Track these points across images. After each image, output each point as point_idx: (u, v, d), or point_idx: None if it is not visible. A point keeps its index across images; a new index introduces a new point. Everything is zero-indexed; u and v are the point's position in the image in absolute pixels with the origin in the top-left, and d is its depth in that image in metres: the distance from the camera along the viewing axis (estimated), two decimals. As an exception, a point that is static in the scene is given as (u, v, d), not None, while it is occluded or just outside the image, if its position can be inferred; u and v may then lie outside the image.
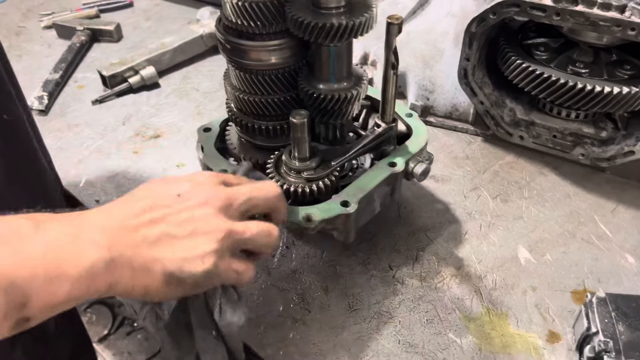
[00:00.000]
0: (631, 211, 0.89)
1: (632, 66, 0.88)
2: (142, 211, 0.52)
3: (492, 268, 0.81)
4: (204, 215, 0.54)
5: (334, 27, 0.62)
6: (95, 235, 0.48)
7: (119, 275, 0.48)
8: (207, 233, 0.53)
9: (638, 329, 0.64)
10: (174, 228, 0.52)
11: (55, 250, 0.45)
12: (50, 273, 0.44)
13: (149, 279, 0.50)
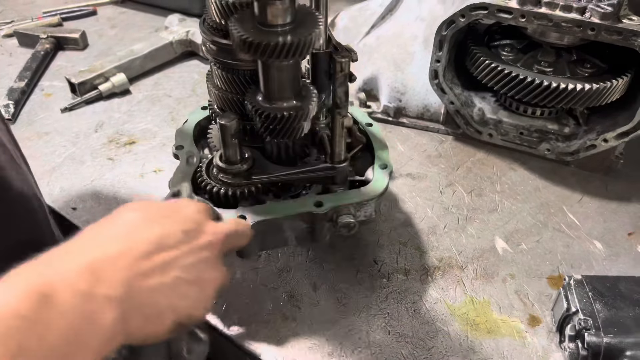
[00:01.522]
0: (596, 201, 0.94)
1: (592, 65, 0.93)
2: (152, 251, 0.49)
3: (472, 258, 0.84)
4: (208, 259, 0.53)
5: (279, 45, 0.59)
6: (109, 290, 0.44)
7: (133, 326, 0.46)
8: (211, 280, 0.53)
9: (614, 307, 0.68)
10: (184, 274, 0.50)
11: (73, 333, 0.41)
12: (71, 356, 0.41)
13: (159, 326, 0.48)
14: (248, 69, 0.71)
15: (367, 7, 1.24)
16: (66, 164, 0.99)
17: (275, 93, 0.67)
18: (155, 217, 0.53)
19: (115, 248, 0.47)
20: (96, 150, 1.02)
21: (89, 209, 0.91)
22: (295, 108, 0.67)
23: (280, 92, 0.67)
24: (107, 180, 0.96)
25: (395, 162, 1.01)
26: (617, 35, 0.84)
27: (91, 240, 0.49)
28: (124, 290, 0.45)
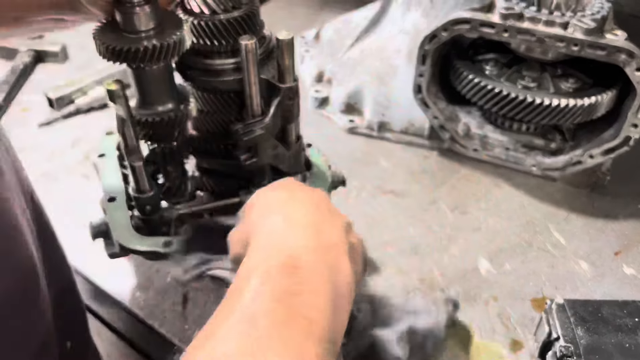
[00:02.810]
0: (582, 219, 0.92)
1: (576, 80, 0.92)
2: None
3: (454, 279, 0.81)
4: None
5: (146, 50, 0.58)
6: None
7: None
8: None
9: (596, 333, 0.66)
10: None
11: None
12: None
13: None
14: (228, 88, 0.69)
15: (352, 20, 1.22)
16: (41, 181, 0.96)
17: (149, 98, 0.66)
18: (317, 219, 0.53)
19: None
20: (71, 167, 1.00)
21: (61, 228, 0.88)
22: (170, 111, 0.66)
23: (153, 97, 0.66)
24: (81, 198, 0.93)
25: (378, 178, 0.99)
26: (601, 51, 0.82)
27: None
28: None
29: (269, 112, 0.67)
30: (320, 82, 1.18)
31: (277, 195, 0.57)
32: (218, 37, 0.64)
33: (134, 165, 0.66)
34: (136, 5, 0.58)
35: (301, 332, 0.41)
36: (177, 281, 0.70)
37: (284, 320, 0.41)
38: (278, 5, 1.60)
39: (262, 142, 0.68)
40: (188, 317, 0.75)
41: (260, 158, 0.69)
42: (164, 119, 0.65)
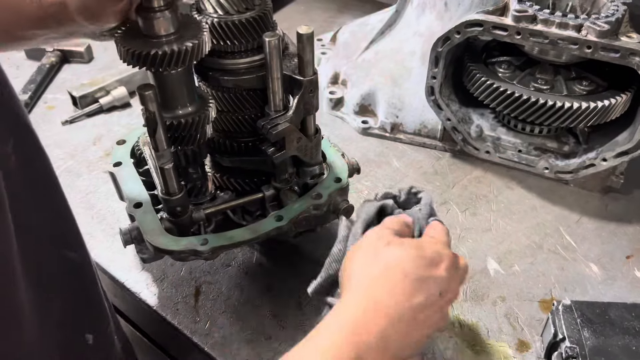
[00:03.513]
0: (594, 222, 0.92)
1: (590, 82, 0.92)
2: (420, 309, 0.54)
3: (463, 280, 0.82)
4: (444, 310, 0.58)
5: (166, 55, 0.60)
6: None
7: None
8: (434, 324, 0.58)
9: (602, 334, 0.66)
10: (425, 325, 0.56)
11: None
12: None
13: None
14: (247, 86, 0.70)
15: (368, 22, 1.24)
16: (63, 177, 1.00)
17: (171, 101, 0.67)
18: (421, 275, 0.56)
19: (393, 314, 0.53)
20: (93, 163, 1.04)
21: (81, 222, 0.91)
22: (192, 114, 0.68)
23: (174, 101, 0.67)
24: (102, 194, 0.97)
25: (390, 178, 1.00)
26: (615, 54, 0.82)
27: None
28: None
29: (292, 105, 0.69)
30: (336, 83, 1.19)
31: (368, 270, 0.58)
32: (234, 37, 0.67)
33: (165, 167, 0.67)
34: (157, 10, 0.59)
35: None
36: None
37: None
38: (297, 10, 1.63)
39: (288, 134, 0.70)
40: (200, 310, 0.77)
41: (287, 150, 0.71)
42: (187, 121, 0.67)
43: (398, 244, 0.58)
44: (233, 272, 0.82)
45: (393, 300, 0.53)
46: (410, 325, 0.54)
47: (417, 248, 0.58)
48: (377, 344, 0.51)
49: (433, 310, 0.55)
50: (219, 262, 0.84)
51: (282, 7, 1.63)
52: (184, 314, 0.77)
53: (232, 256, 0.85)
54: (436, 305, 0.56)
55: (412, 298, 0.54)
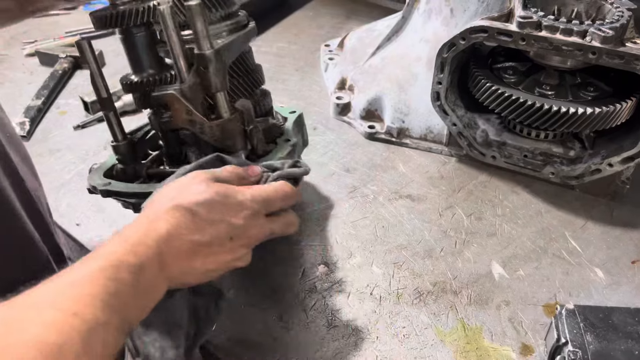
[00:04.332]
0: (599, 227, 0.92)
1: (595, 88, 0.92)
2: (203, 246, 0.59)
3: (467, 284, 0.83)
4: (252, 233, 0.64)
5: (124, 13, 0.70)
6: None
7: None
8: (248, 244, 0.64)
9: (605, 339, 0.66)
10: (228, 254, 0.62)
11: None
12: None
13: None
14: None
15: (375, 28, 1.25)
16: (74, 181, 1.03)
17: (137, 63, 0.76)
18: (214, 218, 0.60)
19: (175, 244, 0.57)
20: (103, 167, 1.05)
21: (92, 225, 0.93)
22: (151, 75, 0.75)
23: (139, 62, 0.76)
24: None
25: (396, 183, 1.01)
26: (619, 59, 0.82)
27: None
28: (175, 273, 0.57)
29: (187, 77, 0.70)
30: (343, 89, 1.20)
31: (164, 202, 0.61)
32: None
33: (108, 114, 0.77)
34: None
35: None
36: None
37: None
38: (305, 15, 1.65)
39: (173, 102, 0.70)
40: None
41: (174, 119, 0.72)
42: (149, 81, 0.75)
43: (206, 184, 0.62)
44: (238, 274, 0.84)
45: (175, 231, 0.57)
46: (191, 256, 0.57)
47: (222, 193, 0.62)
48: (153, 259, 0.53)
49: (221, 251, 0.60)
50: (226, 265, 0.85)
51: (290, 13, 1.65)
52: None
53: (239, 259, 0.86)
54: (225, 247, 0.60)
55: (194, 234, 0.58)
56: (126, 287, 0.49)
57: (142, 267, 0.52)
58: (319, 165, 1.05)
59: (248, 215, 0.63)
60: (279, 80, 1.32)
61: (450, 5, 1.04)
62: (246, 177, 0.68)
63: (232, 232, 0.61)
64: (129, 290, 0.50)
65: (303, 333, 0.76)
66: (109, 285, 0.48)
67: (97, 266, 0.49)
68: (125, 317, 0.49)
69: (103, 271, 0.49)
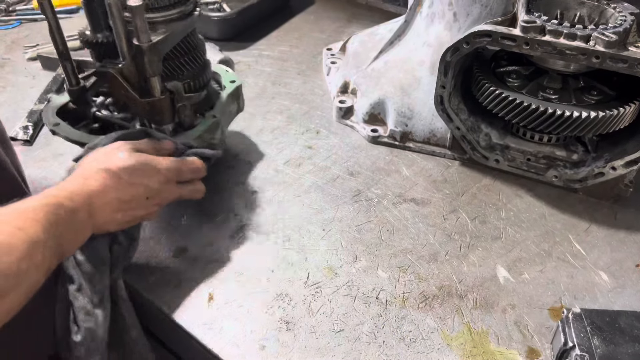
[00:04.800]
0: (603, 230, 0.92)
1: (599, 92, 0.92)
2: (124, 203, 0.73)
3: (473, 287, 0.83)
4: (164, 196, 0.80)
5: None
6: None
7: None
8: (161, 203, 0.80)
9: (612, 343, 0.67)
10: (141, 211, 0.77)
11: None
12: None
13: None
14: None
15: (377, 32, 1.25)
16: (78, 185, 1.02)
17: (95, 25, 0.85)
18: (134, 181, 0.75)
19: (102, 199, 0.71)
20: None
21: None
22: (105, 36, 0.84)
23: (97, 24, 0.85)
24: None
25: (400, 187, 1.01)
26: (623, 64, 0.83)
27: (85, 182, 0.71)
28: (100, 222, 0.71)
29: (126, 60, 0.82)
30: (345, 93, 1.21)
31: (95, 164, 0.75)
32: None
33: (64, 63, 0.87)
34: None
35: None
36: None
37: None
38: (307, 19, 1.65)
39: (112, 80, 0.83)
40: (212, 315, 0.79)
41: (112, 92, 0.87)
42: (103, 41, 0.85)
43: (129, 153, 0.76)
44: (246, 279, 0.84)
45: (103, 189, 0.70)
46: (114, 210, 0.72)
47: (142, 162, 0.76)
48: (85, 207, 0.67)
49: (139, 207, 0.75)
50: (232, 270, 0.85)
51: (291, 17, 1.66)
52: (197, 320, 0.78)
53: (246, 265, 0.86)
54: (142, 205, 0.76)
55: (118, 193, 0.72)
56: (62, 221, 0.62)
57: (75, 210, 0.65)
58: (322, 169, 1.05)
59: (162, 181, 0.77)
60: (281, 84, 1.32)
61: (454, 10, 1.05)
62: (161, 150, 0.82)
63: (148, 193, 0.76)
64: (64, 225, 0.63)
65: (309, 338, 0.76)
66: (49, 217, 0.61)
67: (41, 202, 0.62)
68: (60, 244, 0.62)
69: (46, 206, 0.61)
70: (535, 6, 0.92)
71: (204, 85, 0.95)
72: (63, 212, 0.63)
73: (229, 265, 0.86)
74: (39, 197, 0.63)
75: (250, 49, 1.49)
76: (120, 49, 0.80)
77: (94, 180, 0.71)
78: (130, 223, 0.76)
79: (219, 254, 0.88)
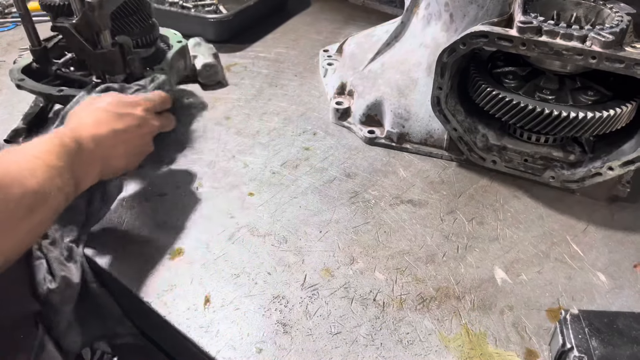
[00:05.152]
0: (601, 231, 0.92)
1: (595, 92, 0.92)
2: (120, 132, 0.82)
3: (470, 289, 0.82)
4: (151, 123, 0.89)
5: None
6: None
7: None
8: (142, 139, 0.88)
9: (611, 344, 0.66)
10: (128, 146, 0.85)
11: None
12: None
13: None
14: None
15: (374, 34, 1.25)
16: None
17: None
18: (122, 112, 0.84)
19: (101, 131, 0.80)
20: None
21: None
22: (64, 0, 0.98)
23: None
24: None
25: (397, 188, 1.01)
26: (619, 64, 0.83)
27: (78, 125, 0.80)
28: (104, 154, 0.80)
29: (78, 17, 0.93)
30: (342, 94, 1.20)
31: (83, 109, 0.85)
32: None
33: (27, 25, 0.99)
34: None
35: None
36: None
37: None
38: (304, 21, 1.65)
39: (67, 34, 0.94)
40: (208, 318, 0.78)
41: (69, 45, 0.98)
42: (60, 4, 0.98)
43: (108, 95, 0.87)
44: (243, 282, 0.83)
45: (97, 123, 0.79)
46: (113, 142, 0.80)
47: (122, 98, 0.87)
48: (89, 138, 0.76)
49: (134, 136, 0.84)
50: (229, 273, 0.84)
51: (288, 19, 1.65)
52: (194, 323, 0.78)
53: (243, 267, 0.85)
54: (136, 133, 0.84)
55: (111, 124, 0.80)
56: (72, 152, 0.71)
57: (79, 142, 0.74)
58: (319, 170, 1.05)
59: (145, 109, 0.87)
60: (277, 85, 1.32)
61: (450, 11, 1.05)
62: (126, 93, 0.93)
63: (138, 120, 0.84)
64: (74, 155, 0.71)
65: (306, 340, 0.75)
66: (59, 149, 0.69)
67: (49, 138, 0.70)
68: (74, 173, 0.70)
69: (55, 139, 0.70)
70: (531, 7, 0.92)
71: (152, 42, 1.10)
72: (70, 144, 0.71)
73: (226, 267, 0.85)
74: (44, 137, 0.70)
75: (247, 50, 1.48)
76: (74, 7, 0.92)
77: (87, 118, 0.80)
78: (136, 157, 0.86)
79: (215, 256, 0.87)
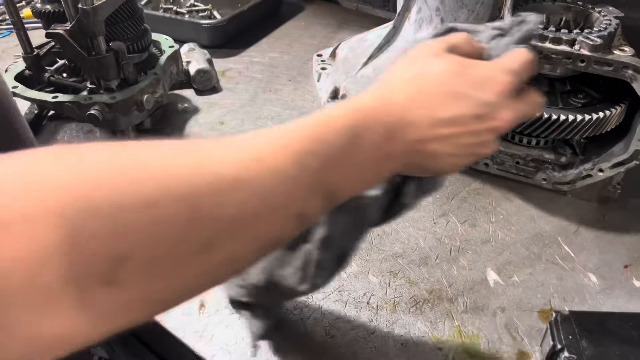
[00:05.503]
0: (592, 232, 0.93)
1: (585, 95, 0.93)
2: (438, 126, 0.49)
3: (463, 291, 0.83)
4: (484, 142, 0.51)
5: None
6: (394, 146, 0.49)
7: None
8: (473, 155, 0.53)
9: (601, 344, 0.67)
10: (456, 150, 0.50)
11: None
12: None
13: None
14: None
15: (366, 38, 1.26)
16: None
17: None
18: (458, 90, 0.50)
19: (409, 116, 0.48)
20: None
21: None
22: (56, 7, 0.98)
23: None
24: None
25: (390, 191, 1.02)
26: (608, 67, 0.84)
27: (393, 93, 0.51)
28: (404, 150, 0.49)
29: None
30: (335, 98, 1.21)
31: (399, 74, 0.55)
32: None
33: (19, 32, 0.98)
34: None
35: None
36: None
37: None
38: (297, 26, 1.66)
39: (61, 41, 0.93)
40: (204, 323, 0.79)
41: (63, 51, 0.96)
42: (53, 12, 0.99)
43: (446, 56, 0.52)
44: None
45: (410, 105, 0.49)
46: (425, 136, 0.49)
47: (466, 65, 0.51)
48: (377, 127, 0.46)
49: (463, 132, 0.50)
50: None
51: (282, 23, 1.66)
52: (189, 327, 0.78)
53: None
54: (468, 128, 0.50)
55: (434, 110, 0.49)
56: (334, 148, 0.43)
57: (356, 130, 0.45)
58: (313, 174, 1.06)
59: (499, 91, 0.50)
60: (272, 90, 1.33)
61: (441, 15, 1.06)
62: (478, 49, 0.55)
63: (479, 109, 0.50)
64: (337, 152, 0.43)
65: (300, 343, 0.76)
66: (307, 144, 0.42)
67: (304, 124, 0.43)
68: (326, 179, 0.43)
69: (314, 127, 0.43)
70: (521, 11, 0.93)
71: (145, 47, 1.10)
72: (334, 136, 0.44)
73: (220, 272, 0.86)
74: (306, 120, 0.44)
75: (241, 55, 1.49)
76: (68, 13, 0.93)
77: (397, 92, 0.50)
78: (452, 160, 0.51)
79: (210, 261, 0.87)
